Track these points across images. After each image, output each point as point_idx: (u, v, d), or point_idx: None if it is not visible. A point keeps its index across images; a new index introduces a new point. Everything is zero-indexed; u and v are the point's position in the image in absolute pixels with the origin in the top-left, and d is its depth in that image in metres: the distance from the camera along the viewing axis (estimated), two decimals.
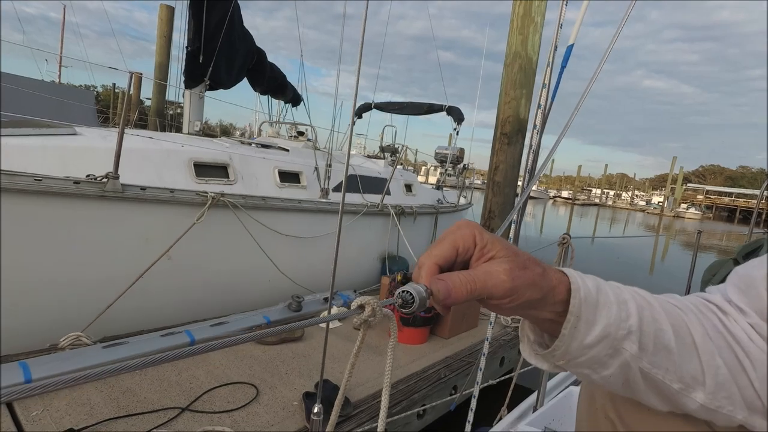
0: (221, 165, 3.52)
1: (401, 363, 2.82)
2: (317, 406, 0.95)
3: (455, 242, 0.45)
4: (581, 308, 0.44)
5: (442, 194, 6.92)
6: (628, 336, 0.45)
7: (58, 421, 1.81)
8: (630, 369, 0.46)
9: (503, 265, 0.43)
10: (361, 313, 0.61)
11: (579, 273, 0.47)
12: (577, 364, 0.48)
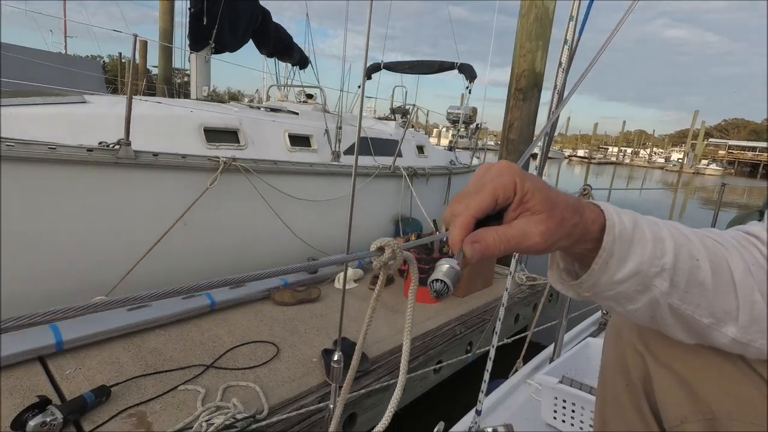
0: (231, 130, 3.49)
1: (417, 321, 2.86)
2: (337, 354, 0.96)
3: (495, 192, 0.41)
4: (614, 245, 0.43)
5: (455, 155, 6.81)
6: (660, 274, 0.44)
7: (90, 378, 1.90)
8: (658, 305, 0.45)
9: (539, 226, 0.41)
10: (380, 255, 0.60)
11: (616, 209, 0.45)
12: (604, 297, 0.47)
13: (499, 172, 0.42)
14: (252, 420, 1.70)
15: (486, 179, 0.42)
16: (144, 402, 1.78)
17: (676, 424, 0.55)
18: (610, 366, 0.66)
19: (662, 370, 0.57)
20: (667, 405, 0.56)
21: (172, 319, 2.45)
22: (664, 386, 0.56)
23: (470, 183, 0.44)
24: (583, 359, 1.73)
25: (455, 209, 0.43)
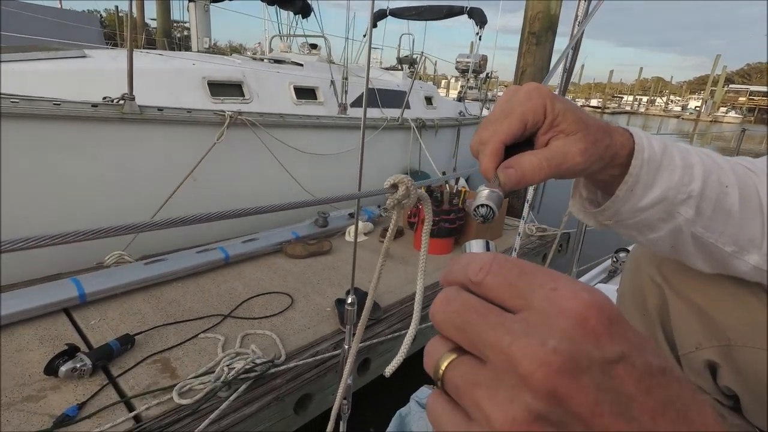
0: (235, 83, 3.41)
1: (428, 271, 2.87)
2: (350, 297, 0.98)
3: (524, 116, 0.39)
4: (641, 170, 0.42)
5: (464, 106, 6.64)
6: (686, 201, 0.43)
7: (114, 328, 1.98)
8: (681, 233, 0.45)
9: (578, 144, 0.38)
10: (394, 192, 0.59)
11: (646, 134, 0.43)
12: (626, 225, 0.46)
13: (528, 95, 0.39)
14: (271, 365, 1.78)
15: (514, 103, 0.39)
16: (167, 349, 1.86)
17: (691, 351, 0.56)
18: (626, 297, 0.66)
19: (679, 300, 0.57)
20: (683, 332, 0.57)
21: (187, 272, 2.51)
22: (680, 315, 0.57)
23: (496, 108, 0.41)
24: None
25: (483, 136, 0.40)
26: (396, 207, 0.60)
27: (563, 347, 0.18)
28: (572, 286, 0.20)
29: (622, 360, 0.18)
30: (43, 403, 1.51)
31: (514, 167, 0.39)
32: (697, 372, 0.57)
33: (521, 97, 0.39)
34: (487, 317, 0.20)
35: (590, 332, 0.18)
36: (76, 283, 2.12)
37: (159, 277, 2.39)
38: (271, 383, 1.72)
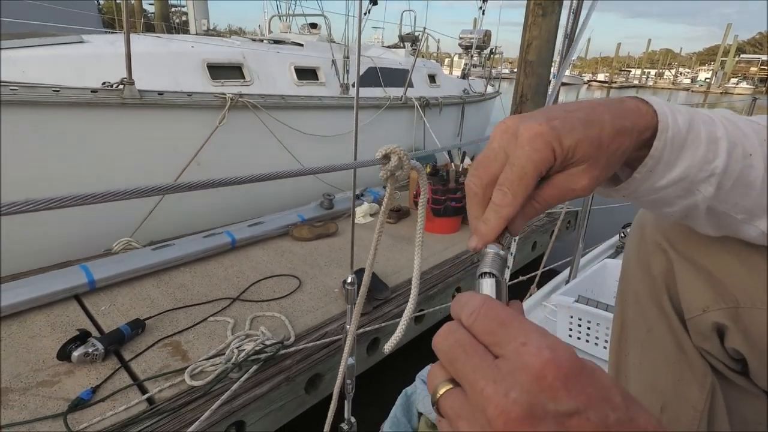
0: (235, 65, 3.36)
1: (434, 251, 2.90)
2: (351, 276, 0.97)
3: (537, 171, 0.35)
4: (663, 151, 0.38)
5: (468, 84, 6.53)
6: (708, 179, 0.40)
7: (125, 313, 2.00)
8: (696, 208, 0.42)
9: (582, 180, 0.36)
10: (386, 163, 0.57)
11: (671, 106, 0.40)
12: (642, 201, 0.44)
13: (533, 147, 0.34)
14: (280, 346, 1.79)
15: (520, 156, 0.35)
16: (177, 333, 1.88)
17: (698, 314, 0.55)
18: (631, 264, 0.65)
19: (686, 264, 0.56)
20: (689, 296, 0.56)
21: (195, 257, 2.52)
22: (687, 278, 0.56)
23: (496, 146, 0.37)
24: (599, 280, 1.74)
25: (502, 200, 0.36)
26: (390, 179, 0.58)
27: (522, 399, 0.21)
28: (538, 342, 0.22)
29: (576, 414, 0.20)
30: (57, 388, 1.54)
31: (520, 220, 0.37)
32: (704, 335, 0.56)
33: (527, 150, 0.35)
34: (472, 358, 0.24)
35: (547, 387, 0.21)
36: (85, 270, 2.13)
37: (167, 262, 2.40)
38: (281, 364, 1.73)
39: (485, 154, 0.38)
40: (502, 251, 0.37)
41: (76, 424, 1.39)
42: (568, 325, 1.51)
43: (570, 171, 0.36)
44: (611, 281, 1.76)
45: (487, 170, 0.37)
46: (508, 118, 0.38)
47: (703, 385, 0.59)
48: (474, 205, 0.38)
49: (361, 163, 0.59)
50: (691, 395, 0.60)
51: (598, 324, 1.43)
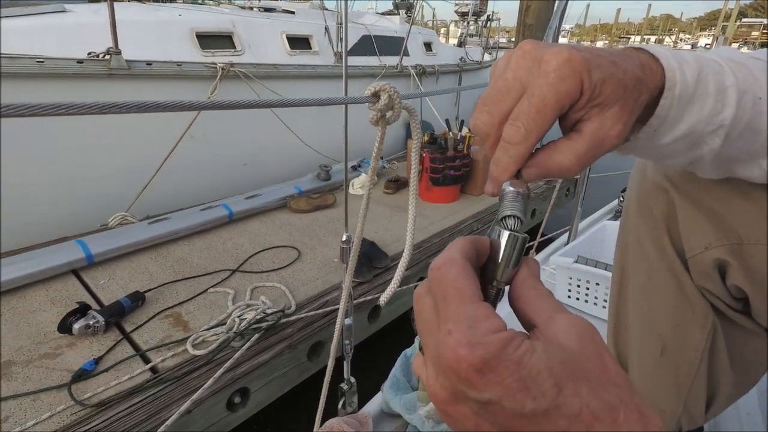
0: (225, 34, 3.26)
1: (433, 220, 2.89)
2: (345, 235, 0.96)
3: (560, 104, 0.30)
4: (670, 109, 0.35)
5: (465, 52, 6.38)
6: (715, 131, 0.37)
7: (124, 287, 1.99)
8: (702, 158, 0.40)
9: (616, 126, 0.31)
10: (376, 102, 0.54)
11: (677, 57, 0.36)
12: (644, 155, 0.43)
13: (559, 74, 0.30)
14: (281, 314, 1.79)
15: (542, 85, 0.30)
16: (178, 304, 1.88)
17: (699, 251, 0.55)
18: (632, 207, 0.64)
19: (688, 203, 0.55)
20: (691, 235, 0.55)
21: (192, 230, 2.50)
22: (688, 217, 0.55)
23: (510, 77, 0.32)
24: (598, 241, 1.72)
25: (514, 136, 0.32)
26: (381, 121, 0.55)
27: (446, 384, 0.23)
28: (459, 337, 0.22)
29: (491, 404, 0.22)
30: (60, 360, 1.54)
31: (539, 167, 0.33)
32: (705, 274, 0.56)
33: (551, 78, 0.30)
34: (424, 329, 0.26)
35: (462, 379, 0.22)
36: (81, 245, 2.11)
37: (164, 235, 2.38)
38: (282, 332, 1.74)
39: (496, 87, 0.33)
40: (522, 189, 0.33)
41: (81, 393, 1.40)
42: (567, 286, 1.51)
43: (599, 117, 0.31)
44: (610, 242, 1.75)
45: (498, 105, 0.32)
46: (526, 43, 0.33)
47: (704, 326, 0.59)
48: (489, 147, 0.34)
49: (353, 99, 0.56)
50: (692, 336, 0.60)
51: (598, 284, 1.43)
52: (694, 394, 0.63)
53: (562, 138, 0.33)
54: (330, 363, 0.97)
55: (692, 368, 0.61)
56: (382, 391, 1.12)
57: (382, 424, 1.07)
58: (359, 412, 1.07)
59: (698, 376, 0.62)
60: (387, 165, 3.91)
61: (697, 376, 0.62)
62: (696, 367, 0.61)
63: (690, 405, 0.64)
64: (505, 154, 0.33)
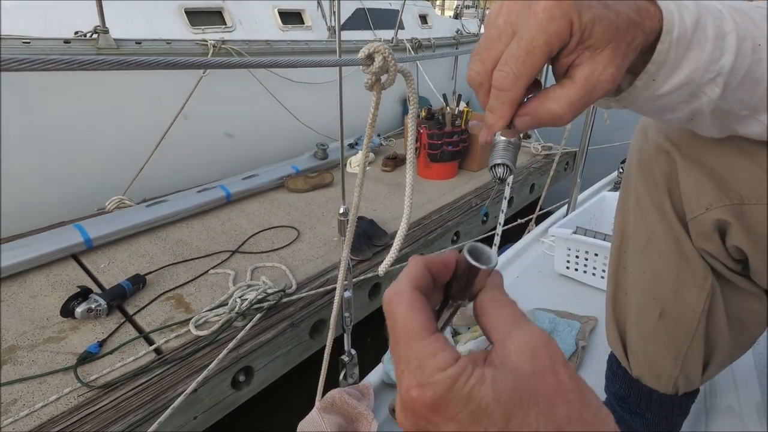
0: (215, 10, 3.17)
1: (432, 197, 2.87)
2: (343, 208, 0.95)
3: (549, 46, 0.30)
4: (668, 55, 0.34)
5: (461, 24, 6.23)
6: (714, 80, 0.36)
7: (124, 270, 1.99)
8: (701, 111, 0.39)
9: (608, 69, 0.31)
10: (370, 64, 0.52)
11: (678, 2, 0.35)
12: (643, 110, 0.41)
13: (549, 15, 0.29)
14: (282, 294, 1.80)
15: (531, 27, 0.30)
16: (179, 286, 1.88)
17: (700, 213, 0.54)
18: (633, 169, 0.63)
19: (689, 163, 0.54)
20: (692, 196, 0.55)
21: (190, 212, 2.48)
22: (690, 178, 0.54)
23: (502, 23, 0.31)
24: (598, 211, 1.72)
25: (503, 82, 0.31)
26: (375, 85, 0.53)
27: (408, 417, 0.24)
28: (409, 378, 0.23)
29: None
30: (64, 343, 1.55)
31: (531, 116, 0.33)
32: (705, 235, 0.56)
33: (540, 18, 0.29)
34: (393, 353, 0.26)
35: (420, 416, 0.23)
36: (80, 229, 2.10)
37: (162, 218, 2.37)
38: (284, 311, 1.75)
39: (487, 34, 0.33)
40: (513, 139, 0.34)
41: (86, 375, 1.41)
42: (566, 257, 1.51)
43: (591, 61, 0.31)
44: (610, 213, 1.74)
45: (489, 52, 0.32)
46: None
47: (703, 287, 0.59)
48: (482, 96, 0.34)
49: (345, 61, 0.54)
50: (691, 298, 0.60)
51: (596, 254, 1.43)
52: (691, 356, 0.64)
53: (554, 85, 0.33)
54: (330, 335, 0.97)
55: (690, 330, 0.62)
56: (382, 363, 1.13)
57: (383, 395, 1.08)
58: (360, 383, 1.09)
59: (696, 338, 0.62)
60: (384, 142, 3.87)
61: (694, 338, 0.62)
62: (694, 329, 0.61)
63: (687, 367, 0.65)
64: (497, 101, 0.32)
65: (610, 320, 0.74)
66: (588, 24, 0.30)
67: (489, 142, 0.35)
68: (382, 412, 1.04)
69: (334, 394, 1.00)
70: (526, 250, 1.78)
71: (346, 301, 1.04)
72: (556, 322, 1.24)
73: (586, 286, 1.49)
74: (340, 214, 0.97)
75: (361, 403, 0.98)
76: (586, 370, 1.14)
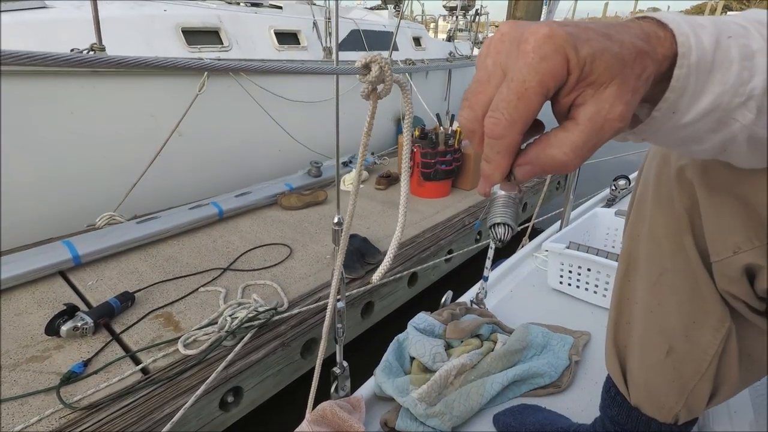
0: (212, 29, 3.21)
1: (426, 215, 2.87)
2: (337, 217, 0.95)
3: (544, 88, 0.28)
4: (687, 80, 0.31)
5: (454, 46, 6.37)
6: (745, 104, 0.32)
7: (113, 287, 1.95)
8: (735, 141, 0.34)
9: (616, 107, 0.28)
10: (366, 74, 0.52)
11: (691, 23, 0.32)
12: (665, 142, 0.37)
13: (540, 53, 0.27)
14: (274, 312, 1.77)
15: (521, 67, 0.28)
16: (168, 304, 1.85)
17: (727, 256, 0.48)
18: (649, 197, 0.58)
19: (716, 196, 0.48)
20: (717, 234, 0.49)
21: (181, 229, 2.46)
22: (716, 214, 0.49)
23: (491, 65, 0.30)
24: (590, 227, 1.73)
25: (494, 130, 0.29)
26: (372, 95, 0.53)
27: None
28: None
29: None
30: (48, 363, 1.51)
31: (533, 165, 0.30)
32: (732, 278, 0.50)
33: (531, 58, 0.27)
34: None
35: None
36: (68, 246, 2.07)
37: (153, 235, 2.34)
38: (275, 330, 1.72)
39: (476, 77, 0.31)
40: (513, 193, 0.32)
41: (70, 396, 1.37)
42: (559, 271, 1.50)
43: (595, 99, 0.28)
44: (602, 228, 1.76)
45: (478, 97, 0.30)
46: (504, 24, 0.30)
47: (719, 330, 0.55)
48: (476, 144, 0.32)
49: (342, 69, 0.54)
50: (704, 339, 0.56)
51: (589, 269, 1.43)
52: (697, 392, 0.61)
53: (555, 128, 0.30)
54: (322, 345, 0.95)
55: (699, 371, 0.58)
56: (374, 375, 1.11)
57: (374, 408, 1.06)
58: (352, 395, 1.06)
59: (704, 378, 0.59)
60: (378, 161, 3.89)
61: (703, 378, 0.59)
62: (704, 370, 0.58)
63: (691, 401, 0.62)
64: (491, 150, 0.30)
65: (610, 346, 0.70)
66: (587, 59, 0.27)
67: (487, 194, 0.33)
68: (373, 425, 1.02)
69: (325, 407, 0.97)
70: (519, 265, 1.78)
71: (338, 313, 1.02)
72: (549, 337, 1.23)
73: (580, 300, 1.48)
74: (335, 223, 0.97)
75: (352, 416, 0.96)
76: (579, 386, 1.12)
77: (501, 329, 1.29)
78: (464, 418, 1.00)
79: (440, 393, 1.03)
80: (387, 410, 1.03)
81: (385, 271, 0.60)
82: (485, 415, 1.04)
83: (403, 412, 1.00)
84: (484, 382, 1.06)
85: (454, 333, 1.21)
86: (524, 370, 1.10)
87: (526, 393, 1.09)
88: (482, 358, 1.14)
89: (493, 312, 1.41)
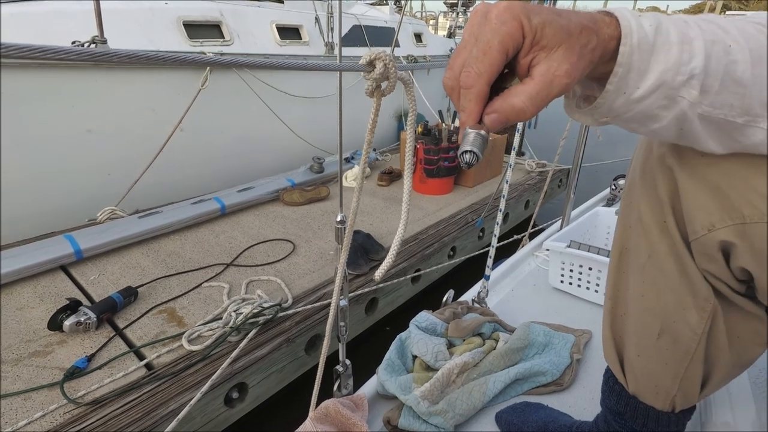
0: (213, 23, 3.19)
1: (429, 212, 2.88)
2: (340, 215, 0.95)
3: (504, 46, 0.35)
4: (632, 57, 0.37)
5: (455, 43, 6.34)
6: (688, 82, 0.38)
7: (115, 282, 1.95)
8: (686, 118, 0.40)
9: (563, 65, 0.35)
10: (371, 71, 0.52)
11: (634, 13, 0.39)
12: (624, 119, 0.42)
13: (500, 19, 0.35)
14: (278, 308, 1.77)
15: (487, 33, 0.36)
16: (171, 299, 1.85)
17: (703, 234, 0.53)
18: (636, 185, 0.62)
19: (692, 181, 0.53)
20: (695, 215, 0.53)
21: (184, 224, 2.46)
22: (692, 197, 0.53)
23: (467, 37, 0.38)
24: (591, 226, 1.73)
25: (466, 80, 0.37)
26: (376, 92, 0.53)
27: None
28: None
29: None
30: (51, 358, 1.51)
31: (498, 112, 0.37)
32: (709, 256, 0.54)
33: (494, 23, 0.36)
34: None
35: None
36: (70, 240, 2.06)
37: (155, 230, 2.34)
38: (280, 326, 1.72)
39: (457, 47, 0.39)
40: (483, 131, 0.38)
41: (74, 392, 1.37)
42: (560, 270, 1.51)
43: (546, 59, 0.35)
44: (603, 227, 1.76)
45: (456, 60, 0.38)
46: (479, 4, 0.39)
47: (704, 309, 0.58)
48: (455, 99, 0.39)
49: (346, 66, 0.55)
50: (691, 318, 0.59)
51: (590, 268, 1.43)
52: (690, 375, 0.63)
53: (516, 84, 0.38)
54: (325, 343, 0.96)
55: (689, 351, 0.61)
56: (377, 374, 1.12)
57: (377, 406, 1.07)
58: (354, 394, 1.07)
59: (695, 359, 0.61)
60: (380, 157, 3.89)
61: (693, 359, 0.62)
62: (693, 350, 0.61)
63: (685, 385, 0.64)
64: (465, 98, 0.38)
65: (607, 336, 0.73)
66: (538, 26, 0.35)
67: None
68: (376, 423, 1.02)
69: (328, 405, 0.98)
70: (520, 264, 1.79)
71: (341, 311, 1.02)
72: (550, 336, 1.23)
73: (580, 299, 1.49)
74: (338, 221, 0.96)
75: (355, 414, 0.97)
76: (581, 383, 1.13)
77: (502, 328, 1.30)
78: (467, 416, 1.01)
79: (443, 391, 1.04)
80: (390, 408, 1.03)
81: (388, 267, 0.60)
82: (488, 413, 1.05)
83: (405, 410, 1.00)
84: (486, 380, 1.07)
85: (456, 331, 1.22)
86: (526, 368, 1.11)
87: (529, 391, 1.10)
88: (484, 356, 1.15)
89: (495, 311, 1.42)
